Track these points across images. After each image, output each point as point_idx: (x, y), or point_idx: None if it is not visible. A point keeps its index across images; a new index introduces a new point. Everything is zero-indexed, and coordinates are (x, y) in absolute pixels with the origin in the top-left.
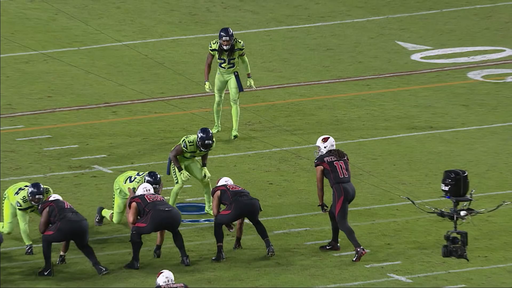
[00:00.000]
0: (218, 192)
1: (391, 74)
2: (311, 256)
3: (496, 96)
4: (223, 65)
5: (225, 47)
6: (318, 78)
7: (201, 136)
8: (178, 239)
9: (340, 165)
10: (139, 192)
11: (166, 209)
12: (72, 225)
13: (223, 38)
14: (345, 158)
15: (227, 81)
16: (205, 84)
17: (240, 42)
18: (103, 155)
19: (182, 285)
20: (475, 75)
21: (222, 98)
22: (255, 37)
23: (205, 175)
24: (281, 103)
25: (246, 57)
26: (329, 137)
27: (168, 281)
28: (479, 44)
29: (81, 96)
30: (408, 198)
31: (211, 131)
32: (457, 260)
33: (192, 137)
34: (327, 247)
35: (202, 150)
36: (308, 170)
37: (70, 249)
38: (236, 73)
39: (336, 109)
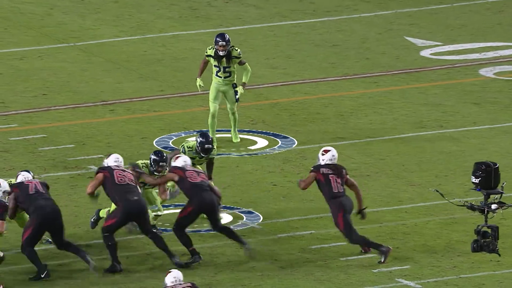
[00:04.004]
0: (176, 177)
1: (400, 71)
2: (316, 260)
3: (509, 94)
4: (219, 74)
5: (221, 53)
6: (323, 75)
7: (201, 141)
8: (158, 241)
9: (336, 180)
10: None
11: (135, 198)
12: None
13: (219, 43)
14: (343, 173)
15: (223, 92)
16: (196, 80)
17: (237, 50)
18: (100, 155)
19: (190, 284)
20: (487, 72)
21: (217, 109)
22: (258, 33)
23: None
24: (285, 101)
25: (248, 65)
26: (330, 150)
27: (176, 281)
28: (491, 40)
29: (77, 93)
30: (437, 191)
31: (211, 136)
32: (468, 265)
33: (192, 142)
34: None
35: (202, 156)
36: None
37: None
38: (234, 85)
39: (342, 107)
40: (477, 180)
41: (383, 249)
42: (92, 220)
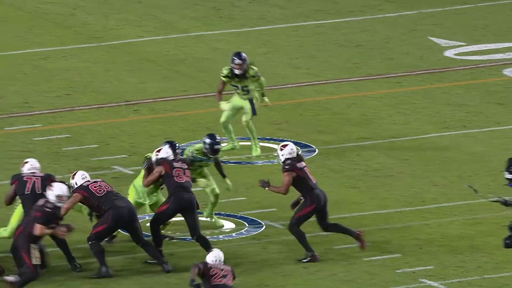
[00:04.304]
0: (162, 170)
1: (423, 71)
2: (340, 260)
3: None
4: (237, 91)
5: (237, 71)
6: (347, 75)
7: (210, 142)
8: (149, 249)
9: (309, 172)
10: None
11: (123, 205)
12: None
13: (235, 61)
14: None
15: (240, 105)
16: (220, 104)
17: (253, 69)
18: (124, 156)
19: (229, 268)
20: (511, 72)
21: (229, 117)
22: (282, 33)
23: (228, 187)
24: (308, 101)
25: (262, 78)
26: (287, 144)
27: (216, 260)
28: None
29: (101, 94)
30: (470, 187)
31: (217, 135)
32: (492, 265)
33: (198, 145)
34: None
35: (210, 158)
36: (337, 171)
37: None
38: (250, 99)
39: (365, 107)
40: (510, 176)
41: (315, 253)
42: None
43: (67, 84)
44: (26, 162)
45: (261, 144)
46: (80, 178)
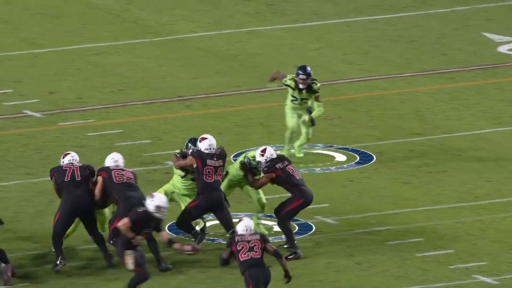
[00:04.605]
0: (194, 163)
1: (477, 67)
2: (393, 256)
3: None
4: (294, 102)
5: (301, 86)
6: (400, 71)
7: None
8: (101, 244)
9: (292, 169)
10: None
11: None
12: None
13: (300, 76)
14: (286, 158)
15: (298, 114)
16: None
17: (317, 84)
18: (176, 151)
19: (258, 237)
20: None
21: (296, 125)
22: (334, 28)
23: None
24: (361, 96)
25: (321, 103)
26: (265, 148)
27: (246, 230)
28: None
29: (154, 89)
30: None
31: (282, 152)
32: None
33: (253, 152)
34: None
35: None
36: (390, 166)
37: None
38: (309, 109)
39: (419, 103)
40: None
41: (298, 251)
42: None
43: (120, 79)
44: (67, 154)
45: (318, 152)
46: (109, 161)
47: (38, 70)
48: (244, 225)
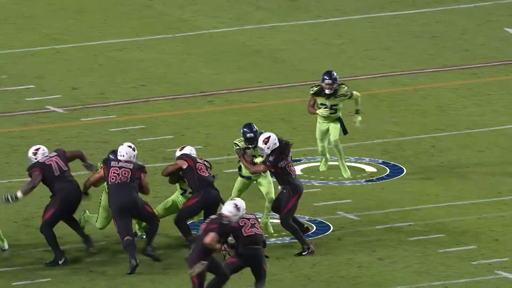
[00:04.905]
0: (184, 164)
1: (499, 63)
2: (415, 252)
3: None
4: (325, 110)
5: (327, 91)
6: (422, 67)
7: (243, 130)
8: (77, 226)
9: (290, 166)
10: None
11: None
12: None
13: (325, 81)
14: (289, 149)
15: (327, 129)
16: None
17: (344, 87)
18: (199, 146)
19: (255, 216)
20: None
21: (326, 146)
22: (357, 24)
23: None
24: (383, 92)
25: (356, 93)
26: (270, 136)
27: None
28: None
29: (176, 85)
30: None
31: (253, 125)
32: None
33: (238, 139)
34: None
35: (249, 147)
36: (412, 162)
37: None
38: (339, 118)
39: (441, 99)
40: None
41: (311, 246)
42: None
43: (142, 75)
44: (38, 149)
45: (348, 164)
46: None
47: (60, 66)
48: (235, 204)
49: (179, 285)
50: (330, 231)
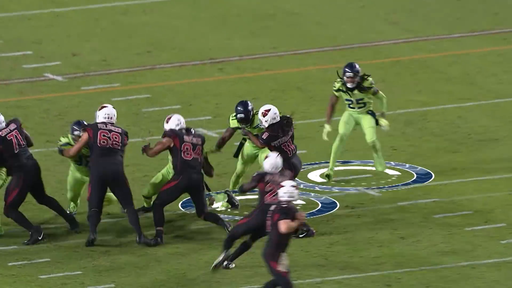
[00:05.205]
0: (171, 143)
1: None
2: (440, 230)
3: None
4: (351, 106)
5: (349, 85)
6: (448, 32)
7: (236, 109)
8: (53, 204)
9: (288, 144)
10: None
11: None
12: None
13: (347, 74)
14: (291, 126)
15: (356, 120)
16: (324, 126)
17: (368, 79)
18: (208, 117)
19: (287, 175)
20: None
21: (347, 133)
22: None
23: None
24: (406, 59)
25: (382, 93)
26: (270, 109)
27: (273, 168)
28: None
29: (184, 51)
30: None
31: (249, 103)
32: None
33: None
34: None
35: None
36: (437, 134)
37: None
38: (370, 112)
39: (468, 65)
40: None
41: (310, 229)
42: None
43: (147, 40)
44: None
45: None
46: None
47: (60, 31)
48: (270, 162)
49: (186, 264)
50: (336, 208)
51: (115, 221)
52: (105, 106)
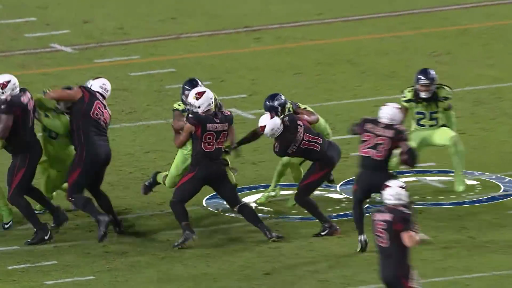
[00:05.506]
0: (193, 130)
1: None
2: None
3: None
4: (421, 122)
5: (423, 95)
6: None
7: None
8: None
9: (307, 141)
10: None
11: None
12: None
13: (420, 81)
14: (297, 130)
15: (427, 140)
16: None
17: (445, 89)
18: (242, 95)
19: (391, 132)
20: None
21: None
22: None
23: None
24: (476, 27)
25: (453, 112)
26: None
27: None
28: None
29: (214, 17)
30: None
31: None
32: None
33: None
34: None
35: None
36: (511, 115)
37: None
38: (444, 125)
39: None
40: None
41: (334, 225)
42: (146, 183)
43: (171, 5)
44: (9, 82)
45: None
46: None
47: None
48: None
49: (216, 268)
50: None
51: (135, 216)
52: (101, 77)
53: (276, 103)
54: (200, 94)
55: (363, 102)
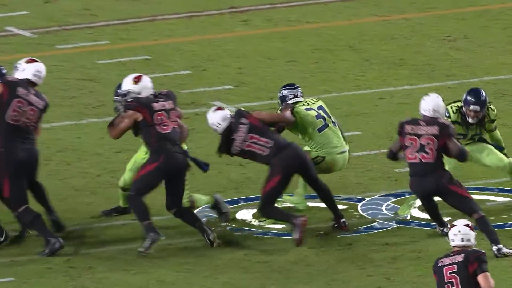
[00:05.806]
0: (138, 116)
1: None
2: None
3: None
4: (460, 141)
5: (470, 120)
6: None
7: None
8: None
9: (249, 143)
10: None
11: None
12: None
13: (472, 107)
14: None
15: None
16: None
17: (494, 111)
18: (227, 86)
19: (436, 129)
20: None
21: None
22: None
23: None
24: (496, 8)
25: (498, 132)
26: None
27: (430, 110)
28: None
29: None
30: None
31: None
32: None
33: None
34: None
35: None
36: None
37: None
38: (482, 139)
39: None
40: None
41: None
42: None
43: None
44: (140, 77)
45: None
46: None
47: None
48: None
49: (184, 280)
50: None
51: (104, 226)
52: (37, 61)
53: (278, 94)
54: (138, 78)
55: (366, 94)
